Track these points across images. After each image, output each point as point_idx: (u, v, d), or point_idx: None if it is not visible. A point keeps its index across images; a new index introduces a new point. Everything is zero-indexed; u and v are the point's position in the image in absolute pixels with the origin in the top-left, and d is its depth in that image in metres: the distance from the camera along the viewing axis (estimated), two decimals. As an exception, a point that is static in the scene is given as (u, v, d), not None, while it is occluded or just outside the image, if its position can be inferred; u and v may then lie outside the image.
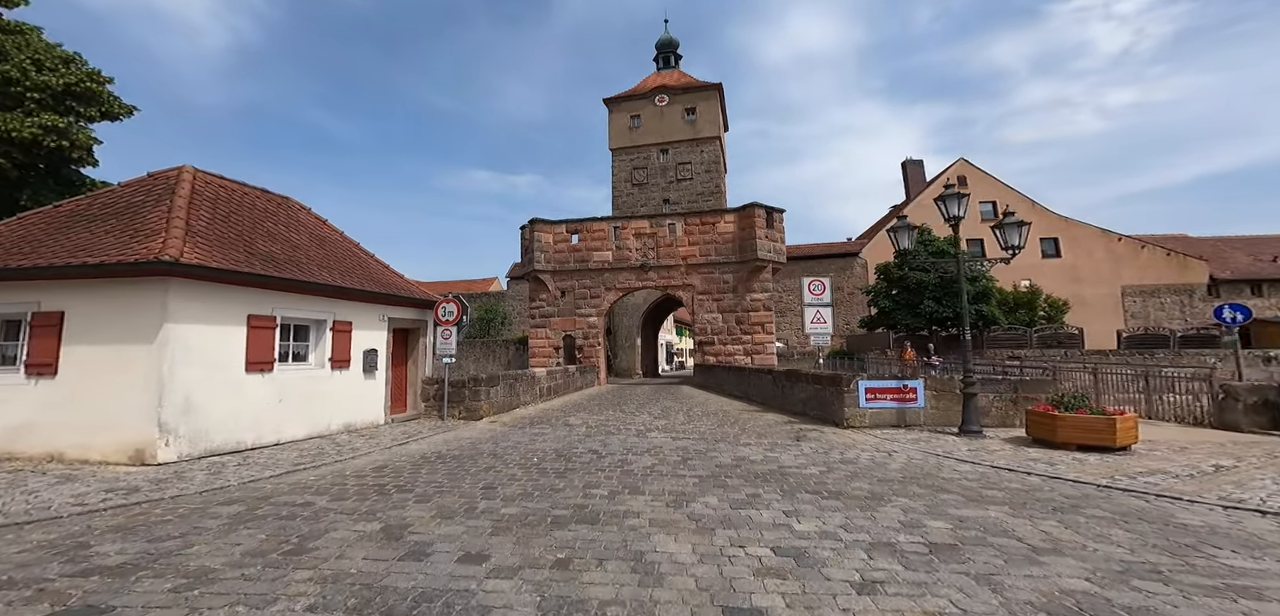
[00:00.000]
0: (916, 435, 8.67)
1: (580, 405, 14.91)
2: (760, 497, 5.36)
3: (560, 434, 9.61)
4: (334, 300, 9.14)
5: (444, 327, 11.62)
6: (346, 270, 9.95)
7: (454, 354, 11.58)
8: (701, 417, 11.94)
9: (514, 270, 39.61)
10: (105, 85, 17.40)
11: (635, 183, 36.09)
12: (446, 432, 9.79)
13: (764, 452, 7.71)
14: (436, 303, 11.79)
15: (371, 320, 10.12)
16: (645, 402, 15.58)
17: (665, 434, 9.64)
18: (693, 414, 12.69)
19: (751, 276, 23.20)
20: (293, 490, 5.70)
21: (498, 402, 12.29)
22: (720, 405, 14.47)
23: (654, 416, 12.29)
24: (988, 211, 33.10)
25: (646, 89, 37.34)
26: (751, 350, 22.91)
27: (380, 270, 11.51)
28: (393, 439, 8.96)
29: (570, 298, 25.08)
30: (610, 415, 12.55)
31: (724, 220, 23.80)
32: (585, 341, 24.68)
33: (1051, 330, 25.01)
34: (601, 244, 24.87)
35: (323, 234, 10.80)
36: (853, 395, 9.42)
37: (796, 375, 12.26)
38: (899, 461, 6.93)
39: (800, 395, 11.75)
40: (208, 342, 6.95)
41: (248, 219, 8.98)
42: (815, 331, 12.07)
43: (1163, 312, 29.58)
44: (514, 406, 13.39)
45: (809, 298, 12.11)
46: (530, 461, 7.25)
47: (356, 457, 7.48)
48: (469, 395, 11.59)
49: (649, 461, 7.25)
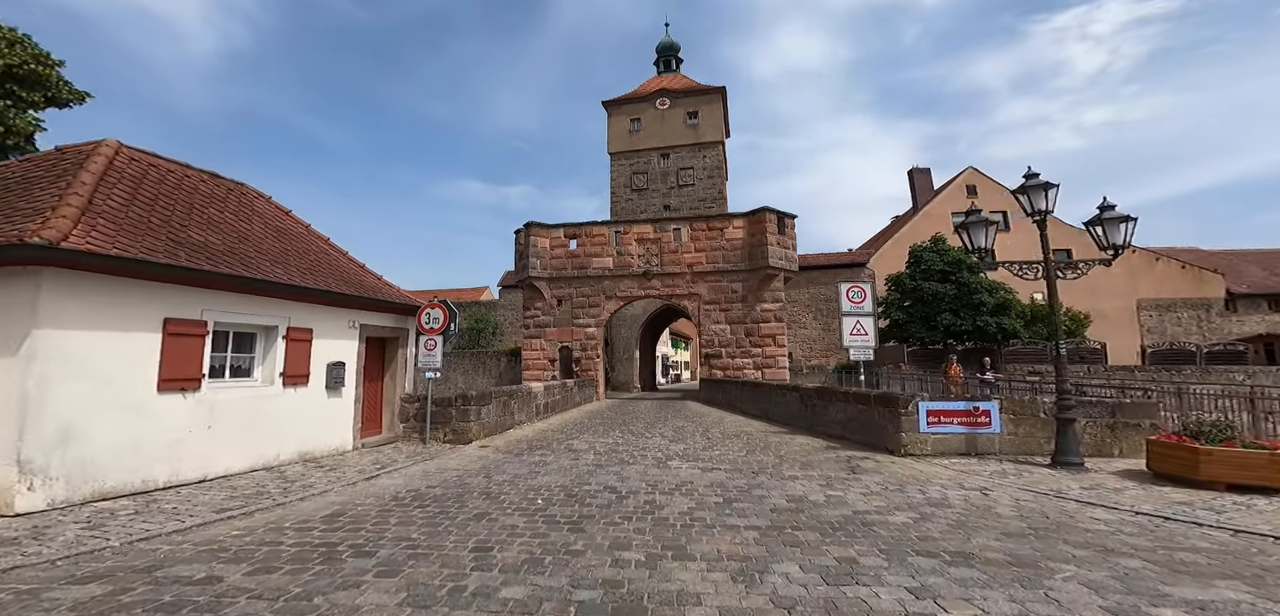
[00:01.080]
0: (997, 467, 7.21)
1: (582, 425, 13.30)
2: (860, 565, 3.84)
3: (565, 464, 8.03)
4: (289, 302, 7.51)
5: (428, 337, 10.03)
6: (309, 268, 8.35)
7: (439, 367, 9.97)
8: (724, 441, 10.40)
9: (507, 278, 37.97)
10: (55, 68, 15.73)
11: (635, 188, 34.79)
12: (427, 461, 8.15)
13: (823, 490, 6.19)
14: (419, 308, 10.21)
15: (338, 327, 8.50)
16: (653, 421, 14.01)
17: (690, 462, 8.11)
18: (712, 436, 11.16)
19: (762, 285, 21.82)
20: (197, 554, 4.06)
21: (489, 424, 10.66)
22: (738, 425, 12.94)
23: (668, 439, 10.74)
24: (998, 220, 32.16)
25: (647, 92, 36.25)
26: (762, 364, 21.45)
27: (353, 269, 9.90)
28: (360, 471, 7.30)
29: (567, 307, 23.51)
30: (618, 438, 10.97)
31: (733, 226, 22.48)
32: (583, 353, 23.07)
33: (1073, 344, 23.89)
34: (602, 250, 23.40)
35: (283, 226, 9.19)
36: (911, 418, 7.96)
37: (831, 393, 10.80)
38: (1006, 505, 5.44)
39: (837, 415, 10.27)
40: (100, 353, 5.31)
41: (183, 204, 7.35)
42: (856, 343, 10.65)
43: (1180, 327, 28.70)
44: (507, 427, 11.76)
45: (847, 305, 10.71)
46: (533, 504, 5.66)
47: (307, 498, 5.83)
48: (456, 415, 9.96)
49: (683, 503, 5.71)
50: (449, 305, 10.24)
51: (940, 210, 32.83)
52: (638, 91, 37.11)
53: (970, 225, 7.68)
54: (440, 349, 10.01)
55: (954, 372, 12.94)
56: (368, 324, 9.20)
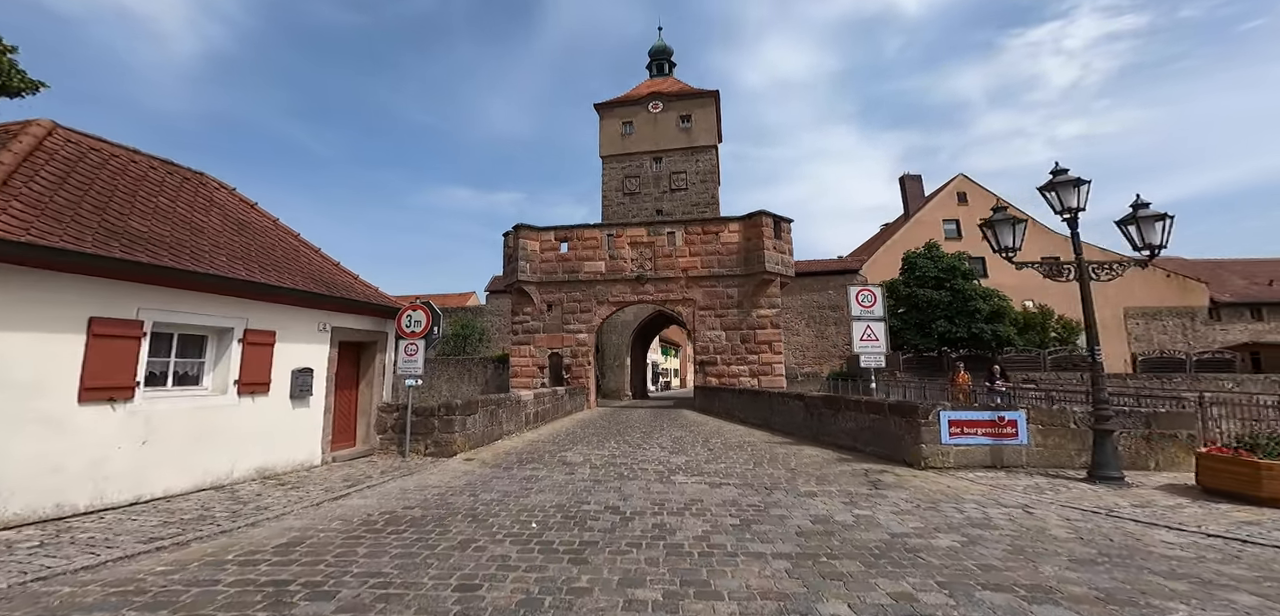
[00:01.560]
0: (1028, 481, 6.67)
1: (574, 434, 12.55)
2: (923, 604, 3.21)
3: (559, 479, 7.30)
4: (247, 301, 6.68)
5: (409, 341, 9.24)
6: (274, 264, 7.53)
7: (421, 374, 9.17)
8: (727, 452, 9.76)
9: (494, 283, 37.02)
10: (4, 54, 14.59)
11: (627, 191, 34.24)
12: (406, 477, 7.35)
13: (848, 509, 5.58)
14: (400, 310, 9.42)
15: (306, 330, 7.68)
16: (649, 430, 13.31)
17: (695, 477, 7.45)
18: (713, 446, 10.51)
19: (758, 290, 21.34)
20: (105, 598, 3.26)
21: (475, 435, 9.87)
22: (739, 435, 12.32)
23: (667, 450, 10.06)
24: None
25: (640, 95, 35.84)
26: (758, 371, 20.91)
27: (325, 268, 9.08)
28: (327, 489, 6.48)
29: (558, 312, 22.75)
30: (615, 449, 10.26)
31: (728, 230, 22.01)
32: (574, 360, 22.30)
33: (1065, 352, 23.86)
34: (593, 253, 22.73)
35: (246, 219, 8.35)
36: (932, 428, 7.41)
37: (839, 401, 10.24)
38: (1058, 526, 4.86)
39: (846, 425, 9.70)
40: (5, 355, 4.49)
41: (125, 191, 6.50)
42: (867, 350, 10.11)
43: (1165, 336, 28.98)
44: (495, 438, 10.97)
45: (857, 309, 10.17)
46: (526, 528, 4.94)
47: (259, 524, 5.01)
48: (439, 425, 9.16)
49: (696, 526, 5.04)
50: (432, 307, 9.47)
51: (932, 217, 32.87)
52: (630, 94, 36.69)
53: (996, 223, 7.20)
54: (422, 354, 9.22)
55: (963, 380, 12.51)
56: (341, 327, 8.38)
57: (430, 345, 9.45)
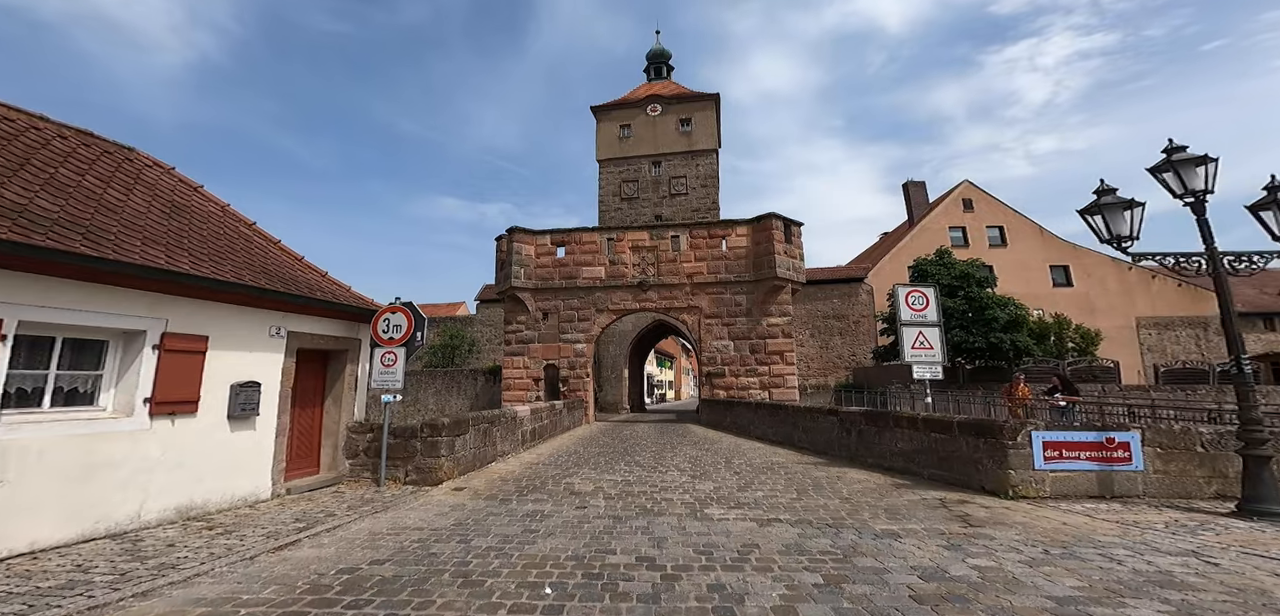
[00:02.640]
0: (1157, 514, 5.40)
1: (578, 455, 11.09)
2: None
3: (570, 516, 5.88)
4: (167, 297, 5.22)
5: (386, 349, 7.80)
6: (213, 254, 6.10)
7: (401, 387, 7.72)
8: (757, 475, 8.40)
9: (486, 291, 35.46)
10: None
11: (625, 196, 33.07)
12: (378, 514, 5.89)
13: (958, 557, 4.26)
14: (376, 313, 7.99)
15: (252, 335, 6.22)
16: (660, 450, 11.89)
17: (733, 509, 6.09)
18: (739, 469, 9.14)
19: (768, 297, 20.13)
20: None
21: (465, 458, 8.40)
22: (763, 454, 10.95)
23: (688, 474, 8.68)
24: (995, 236, 31.60)
25: (638, 97, 34.86)
26: (769, 383, 19.62)
27: (283, 262, 7.63)
28: (271, 533, 5.00)
29: (554, 320, 21.32)
30: (627, 473, 8.85)
31: (735, 233, 20.83)
32: (572, 372, 20.83)
33: (1085, 362, 22.92)
34: (593, 258, 21.40)
35: (183, 201, 6.90)
36: (1022, 451, 6.13)
37: (885, 417, 8.95)
38: (1272, 582, 3.58)
39: (897, 445, 8.40)
40: None
41: (11, 159, 5.07)
42: (920, 359, 8.89)
43: (1178, 346, 28.29)
44: (488, 460, 9.49)
45: (907, 314, 8.95)
46: (538, 598, 3.53)
47: (154, 593, 3.52)
48: (422, 448, 7.69)
49: (767, 587, 3.69)
50: (414, 310, 8.05)
51: (937, 224, 32.09)
52: (628, 97, 35.71)
53: (1106, 207, 5.90)
54: (402, 365, 7.78)
55: (1024, 393, 11.30)
56: (300, 331, 6.92)
57: (412, 354, 8.01)
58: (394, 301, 8.12)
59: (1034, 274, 29.90)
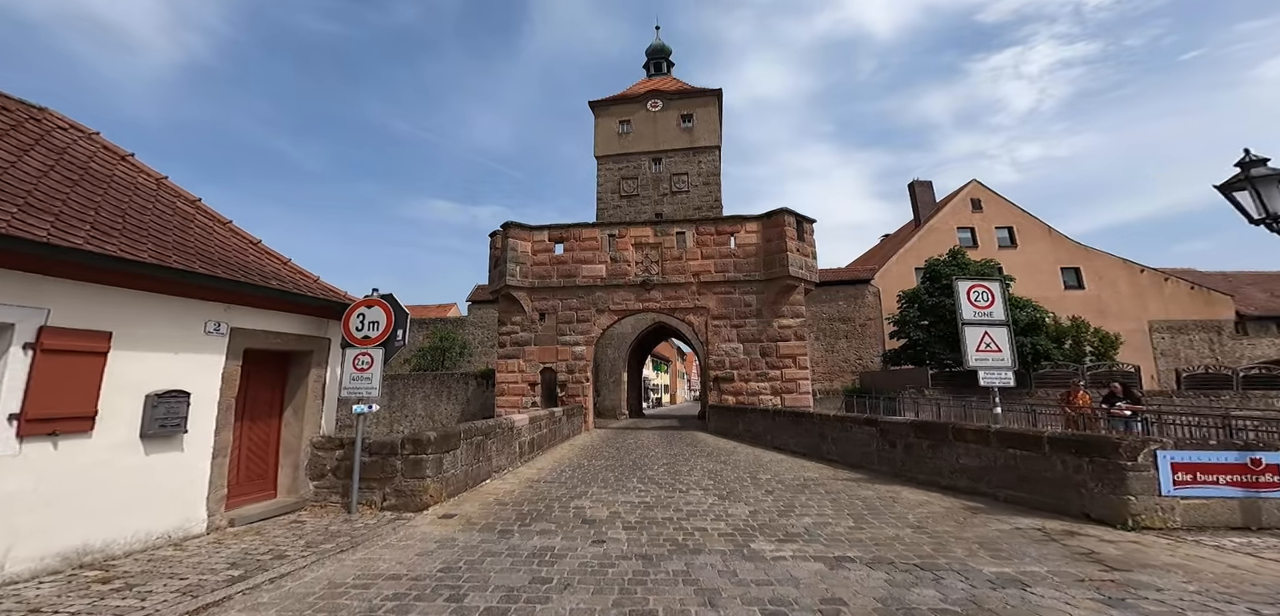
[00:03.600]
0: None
1: (582, 469, 9.85)
2: None
3: (587, 554, 4.68)
4: (47, 280, 3.94)
5: (360, 350, 6.54)
6: (130, 230, 4.82)
7: (377, 396, 6.45)
8: (793, 495, 7.22)
9: (478, 291, 34.07)
10: None
11: (624, 194, 31.89)
12: (343, 556, 4.63)
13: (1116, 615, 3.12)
14: (348, 308, 6.71)
15: (179, 331, 4.94)
16: (673, 462, 10.68)
17: (785, 543, 4.92)
18: (767, 485, 7.96)
19: (779, 298, 19.02)
20: None
21: (456, 478, 7.14)
22: (790, 468, 9.77)
23: (713, 493, 7.49)
24: (1004, 237, 30.82)
25: (638, 93, 33.75)
26: (781, 388, 18.49)
27: (231, 245, 6.32)
28: (192, 586, 3.73)
29: (551, 321, 20.05)
30: (641, 490, 7.64)
31: (745, 230, 19.71)
32: (570, 376, 19.56)
33: (1105, 367, 22.08)
34: (593, 255, 20.17)
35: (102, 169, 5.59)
36: (1145, 473, 5.02)
37: (943, 429, 7.82)
38: None
39: (959, 461, 7.27)
40: None
41: None
42: (986, 363, 7.78)
43: (1192, 350, 27.62)
44: (482, 477, 8.22)
45: (969, 311, 7.85)
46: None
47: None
48: (403, 467, 6.42)
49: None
50: (395, 303, 6.78)
51: (945, 225, 31.26)
52: (627, 92, 34.58)
53: (1258, 180, 4.64)
54: (379, 368, 6.51)
55: (1084, 401, 10.27)
56: (248, 329, 5.64)
57: (392, 355, 6.74)
58: (371, 293, 6.85)
59: (1044, 276, 29.13)
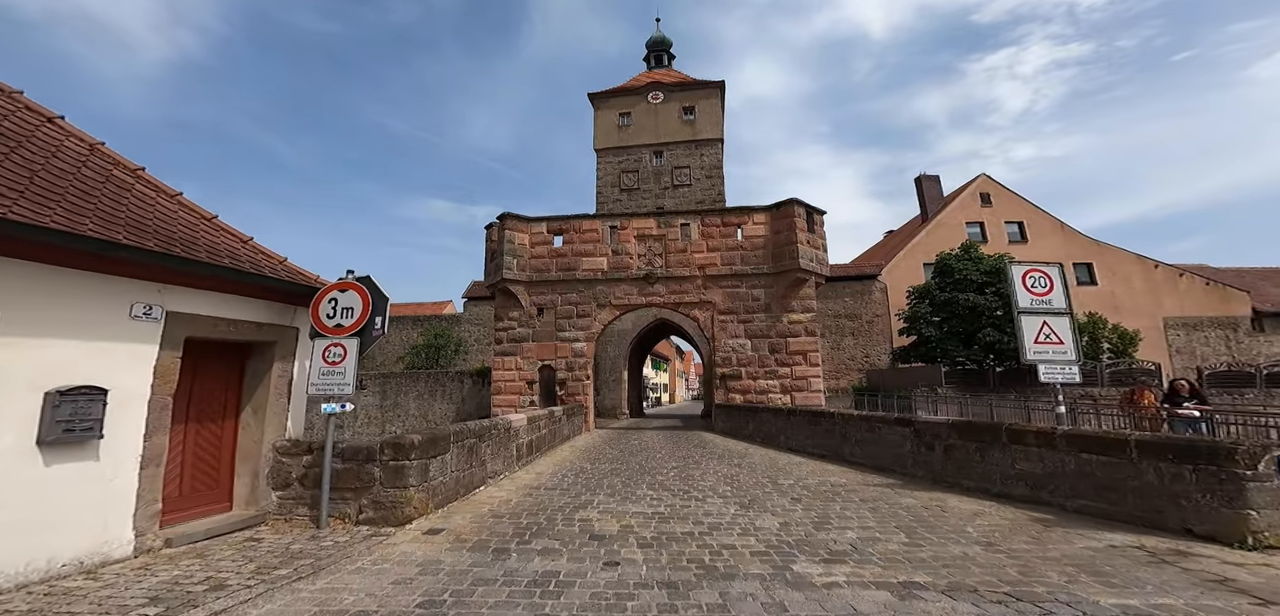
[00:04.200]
0: None
1: (586, 474, 8.97)
2: None
3: (598, 581, 3.82)
4: None
5: (331, 342, 5.65)
6: (38, 194, 3.94)
7: (351, 393, 5.56)
8: (824, 504, 6.38)
9: (474, 288, 33.15)
10: None
11: (624, 187, 31.03)
12: (299, 585, 3.74)
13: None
14: (317, 292, 5.82)
15: (96, 316, 4.05)
16: (683, 464, 9.81)
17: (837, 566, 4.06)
18: (792, 492, 7.11)
19: (789, 292, 18.18)
20: None
21: (445, 486, 6.26)
22: (813, 473, 8.91)
23: (733, 501, 6.65)
24: (1014, 232, 30.09)
25: (639, 85, 32.91)
26: (791, 386, 17.66)
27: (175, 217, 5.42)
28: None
29: (550, 316, 19.16)
30: (653, 498, 6.78)
31: (752, 221, 18.87)
32: (570, 374, 18.68)
33: (1125, 365, 21.36)
34: (594, 248, 19.29)
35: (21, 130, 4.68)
36: (1268, 485, 4.19)
37: (993, 431, 6.96)
38: None
39: (1018, 466, 6.42)
40: None
41: None
42: (1047, 356, 6.95)
43: (1208, 347, 26.96)
44: (476, 484, 7.34)
45: (1026, 300, 7.01)
46: None
47: None
48: (383, 475, 5.54)
49: None
50: (372, 287, 5.90)
51: (953, 219, 30.52)
52: (628, 84, 33.73)
53: None
54: (354, 362, 5.62)
55: (1150, 402, 9.42)
56: (192, 314, 4.74)
57: (369, 347, 5.84)
58: (345, 275, 5.96)
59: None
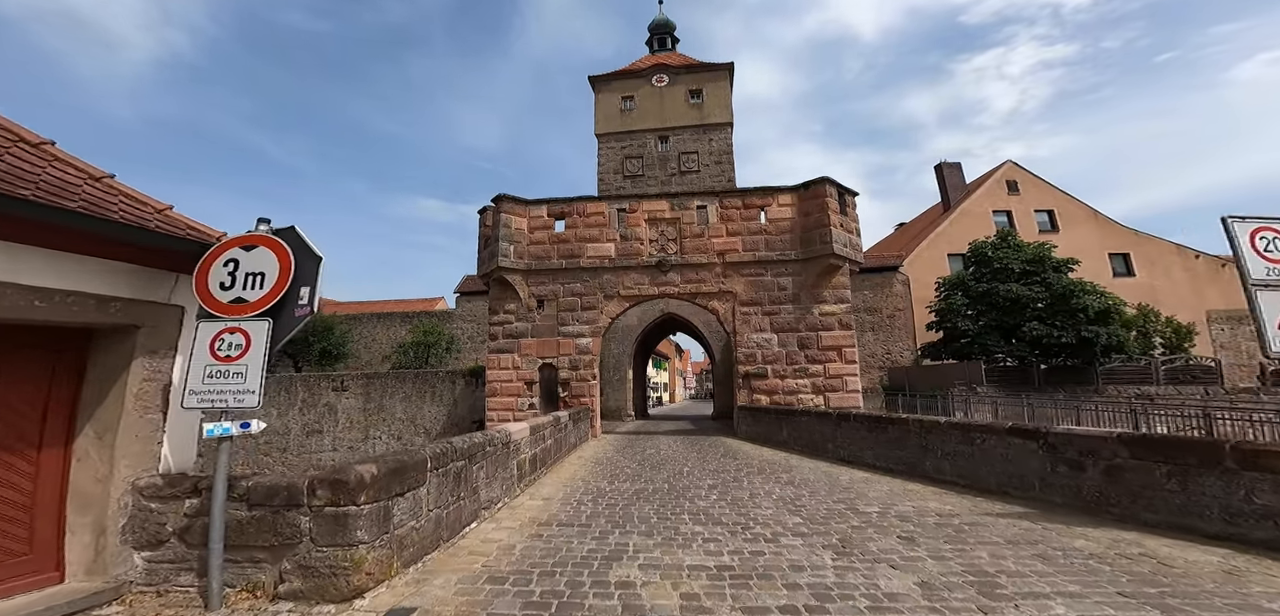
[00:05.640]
0: None
1: (604, 498, 6.97)
2: None
3: None
4: None
5: (226, 325, 3.64)
6: None
7: (256, 406, 3.55)
8: (946, 544, 4.42)
9: (467, 283, 31.09)
10: None
11: (628, 174, 29.08)
12: None
13: None
14: (207, 250, 3.80)
15: None
16: (720, 482, 7.83)
17: None
18: (878, 521, 5.14)
19: (820, 280, 16.26)
20: None
21: (419, 534, 4.25)
22: (891, 494, 6.95)
23: (821, 545, 4.68)
24: (1044, 221, 28.32)
25: (642, 67, 30.97)
26: (823, 386, 15.74)
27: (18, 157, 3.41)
28: None
29: (552, 309, 17.17)
30: (705, 536, 4.80)
31: (777, 203, 16.93)
32: (574, 373, 16.70)
33: (1181, 361, 19.60)
34: (600, 233, 17.31)
35: None
36: None
37: (1209, 448, 5.04)
38: None
39: (1260, 498, 4.49)
40: None
41: None
42: None
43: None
44: (466, 523, 5.34)
45: (1259, 268, 4.96)
46: None
47: None
48: (315, 527, 3.55)
49: None
50: (297, 242, 3.89)
51: (979, 208, 28.73)
52: (631, 67, 31.79)
53: None
54: (261, 356, 3.61)
55: None
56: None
57: (290, 332, 3.82)
58: (255, 227, 3.94)
59: (1090, 262, 26.59)
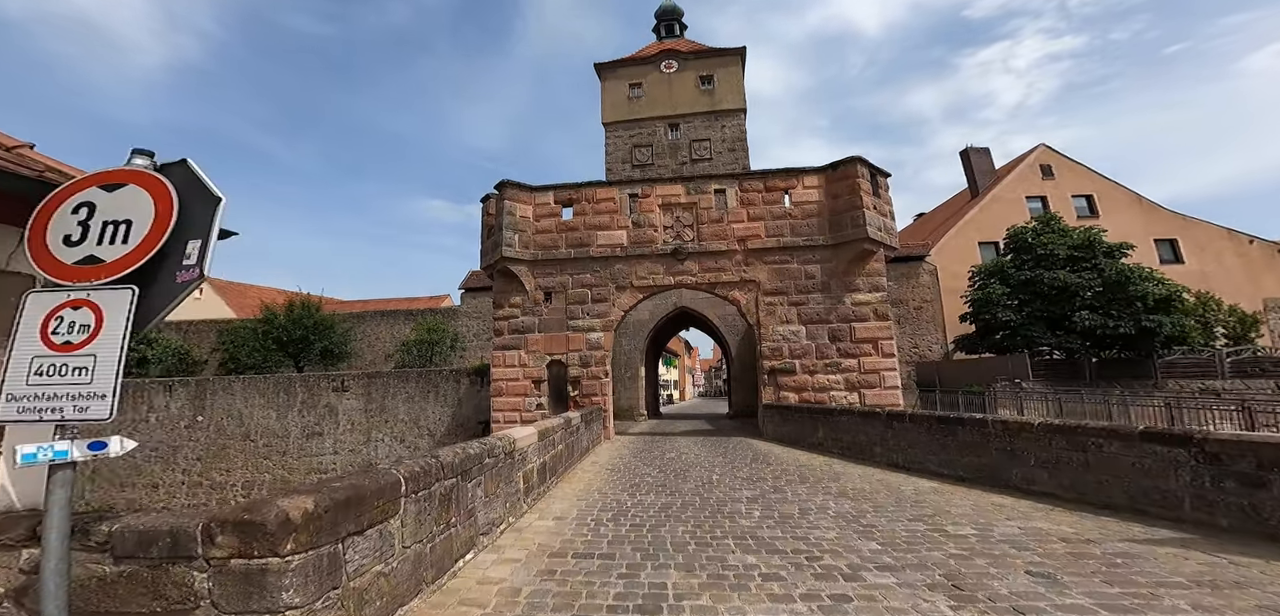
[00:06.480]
0: None
1: (628, 516, 5.72)
2: None
3: None
4: None
5: (67, 298, 2.41)
6: None
7: (107, 415, 2.33)
8: (1098, 587, 3.12)
9: (471, 279, 30.07)
10: None
11: (637, 163, 27.84)
12: None
13: None
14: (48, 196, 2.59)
15: None
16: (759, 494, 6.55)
17: None
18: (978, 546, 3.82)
19: (852, 267, 14.90)
20: None
21: (391, 580, 3.04)
22: (970, 508, 5.63)
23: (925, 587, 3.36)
24: (1082, 207, 26.61)
25: (650, 54, 29.72)
26: (858, 382, 14.39)
27: None
28: None
29: (560, 302, 15.99)
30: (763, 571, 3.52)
31: (803, 185, 15.59)
32: (584, 371, 15.50)
33: (1247, 353, 17.94)
34: (610, 220, 16.09)
35: None
36: None
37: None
38: None
39: None
40: None
41: None
42: None
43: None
44: (459, 555, 4.12)
45: None
46: None
47: None
48: (217, 588, 2.36)
49: None
50: (187, 176, 2.66)
51: (1011, 194, 27.08)
52: (638, 54, 30.54)
53: None
54: (118, 348, 2.40)
55: None
56: None
57: (170, 303, 2.59)
58: (128, 162, 2.74)
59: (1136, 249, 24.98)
